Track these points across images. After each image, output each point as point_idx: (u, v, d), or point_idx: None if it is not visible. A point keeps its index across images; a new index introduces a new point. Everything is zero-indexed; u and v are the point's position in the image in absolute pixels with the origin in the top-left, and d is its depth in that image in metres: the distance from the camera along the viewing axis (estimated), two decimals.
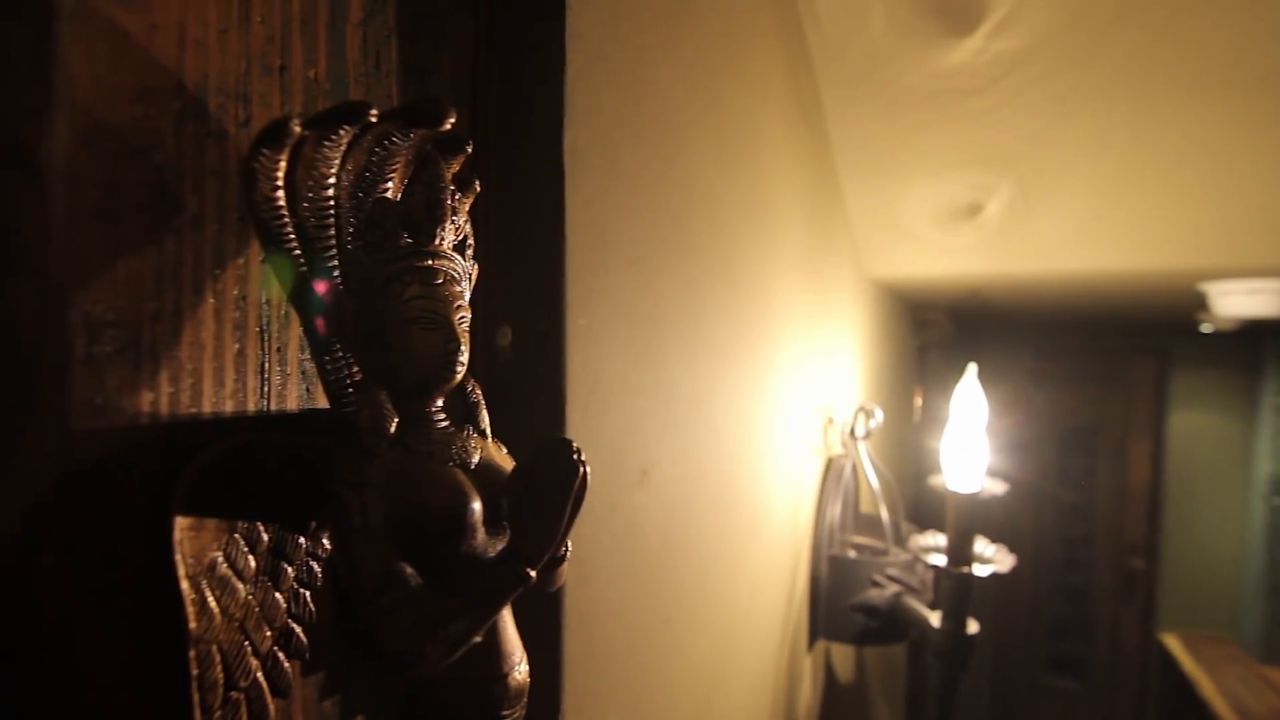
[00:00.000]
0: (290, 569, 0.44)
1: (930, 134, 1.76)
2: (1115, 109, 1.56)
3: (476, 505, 0.39)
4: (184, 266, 0.40)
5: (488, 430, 0.46)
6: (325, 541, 0.46)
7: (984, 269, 2.17)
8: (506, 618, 0.42)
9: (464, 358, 0.41)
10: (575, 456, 0.37)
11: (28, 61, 0.34)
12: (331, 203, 0.41)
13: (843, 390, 1.99)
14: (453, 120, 0.40)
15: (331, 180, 0.41)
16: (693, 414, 1.00)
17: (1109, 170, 1.62)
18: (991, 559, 1.40)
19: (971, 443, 1.47)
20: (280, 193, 0.39)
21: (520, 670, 0.41)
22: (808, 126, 1.82)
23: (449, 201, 0.42)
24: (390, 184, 0.43)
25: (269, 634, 0.43)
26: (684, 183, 0.96)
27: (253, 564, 0.42)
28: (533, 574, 0.36)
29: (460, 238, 0.44)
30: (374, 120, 0.38)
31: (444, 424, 0.42)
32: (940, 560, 1.39)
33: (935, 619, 1.42)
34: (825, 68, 1.78)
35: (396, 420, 0.39)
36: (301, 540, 0.44)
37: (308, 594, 0.45)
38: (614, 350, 0.76)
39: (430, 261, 0.40)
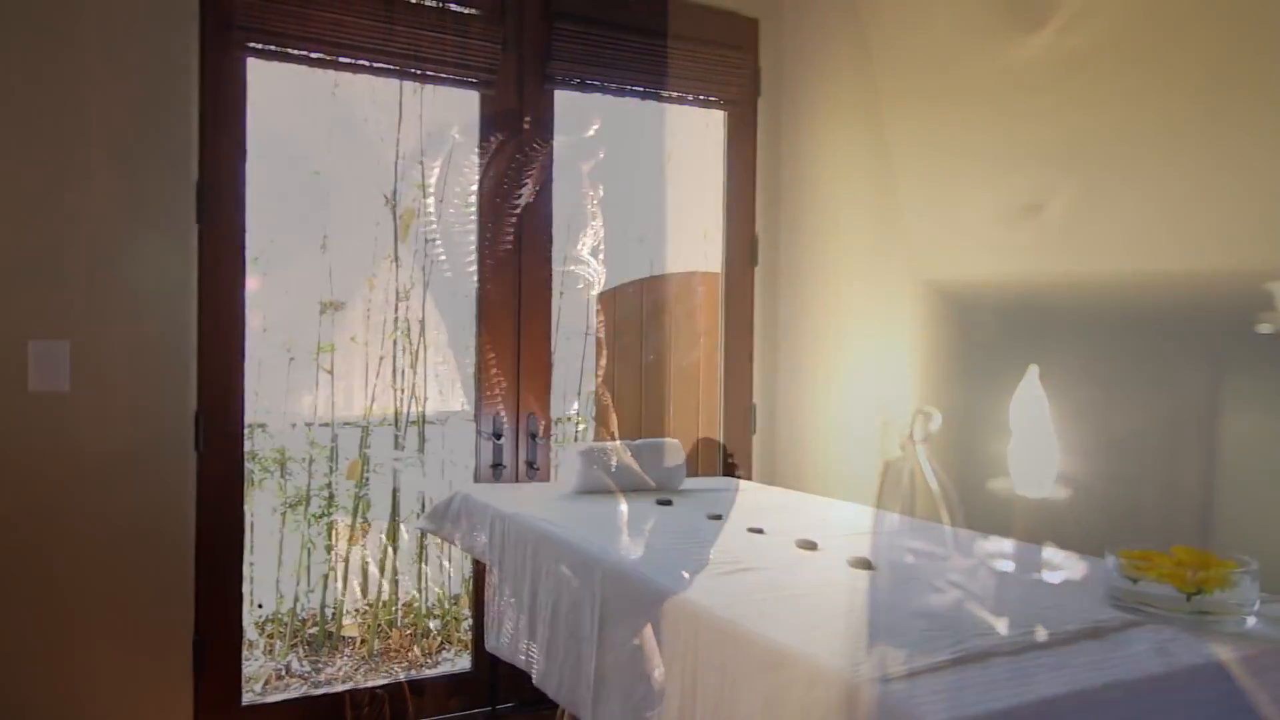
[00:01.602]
0: (426, 569, 0.44)
1: (992, 132, 1.74)
2: (1189, 106, 1.52)
3: (624, 508, 0.39)
4: (335, 276, 0.40)
5: (616, 433, 0.46)
6: (456, 540, 0.46)
7: (1042, 269, 2.13)
8: None
9: (603, 361, 0.41)
10: (729, 460, 0.37)
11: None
12: (475, 208, 0.42)
13: (898, 393, 1.97)
14: (597, 126, 0.41)
15: (475, 186, 0.41)
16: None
17: (1180, 168, 1.59)
18: (1060, 565, 1.38)
19: (1037, 446, 1.44)
20: (431, 199, 0.40)
21: (658, 672, 0.41)
22: (868, 125, 1.81)
23: (590, 207, 0.42)
24: (525, 188, 0.44)
25: (409, 633, 0.43)
26: None
27: (394, 562, 0.42)
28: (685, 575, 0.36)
29: (595, 242, 0.44)
30: (526, 127, 0.39)
31: (582, 427, 0.43)
32: (1008, 566, 1.36)
33: (1001, 627, 1.39)
34: (886, 65, 1.77)
35: (544, 423, 0.40)
36: (438, 539, 0.44)
37: (440, 592, 0.46)
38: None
39: (573, 267, 0.41)
